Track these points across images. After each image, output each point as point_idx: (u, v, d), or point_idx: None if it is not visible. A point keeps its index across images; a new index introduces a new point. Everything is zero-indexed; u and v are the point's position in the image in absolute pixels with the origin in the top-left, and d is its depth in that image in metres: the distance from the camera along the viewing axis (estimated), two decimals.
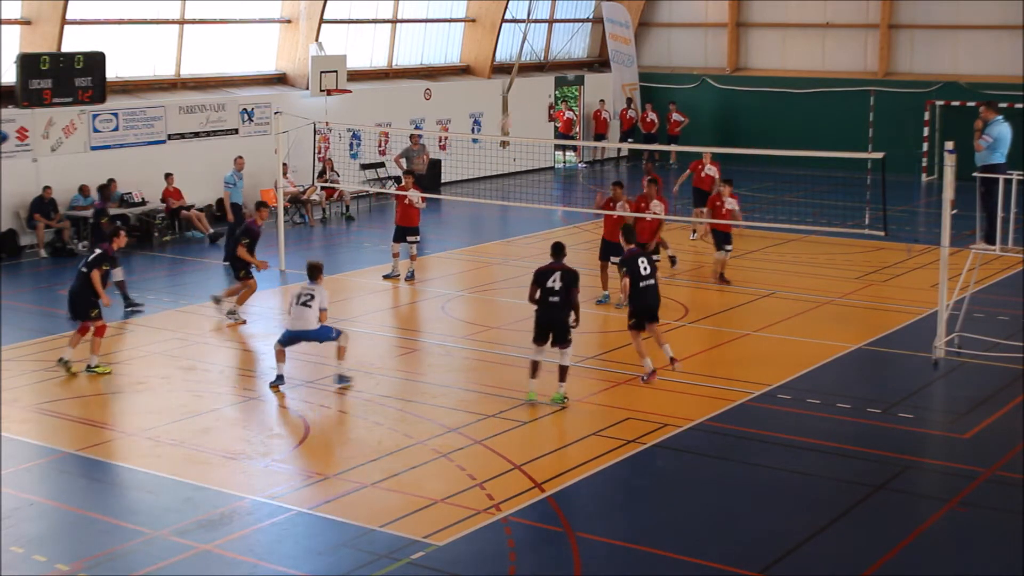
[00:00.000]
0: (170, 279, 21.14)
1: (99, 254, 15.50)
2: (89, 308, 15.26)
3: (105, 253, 15.57)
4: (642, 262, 14.80)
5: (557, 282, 13.83)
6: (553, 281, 13.84)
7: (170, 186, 24.48)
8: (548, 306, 13.88)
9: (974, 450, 12.59)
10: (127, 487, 11.57)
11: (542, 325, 13.96)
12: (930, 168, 32.58)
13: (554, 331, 13.89)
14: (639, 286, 14.75)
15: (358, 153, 29.69)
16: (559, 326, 13.89)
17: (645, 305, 14.82)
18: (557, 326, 13.88)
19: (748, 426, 13.25)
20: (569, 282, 13.88)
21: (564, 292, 13.83)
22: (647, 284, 14.79)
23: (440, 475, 11.85)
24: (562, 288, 13.83)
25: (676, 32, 37.81)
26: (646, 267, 14.80)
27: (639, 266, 14.76)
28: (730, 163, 33.57)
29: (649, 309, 14.86)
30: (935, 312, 15.99)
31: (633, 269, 14.74)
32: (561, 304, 13.86)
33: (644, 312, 14.84)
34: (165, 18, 25.91)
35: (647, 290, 14.80)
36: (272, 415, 13.85)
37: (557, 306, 13.85)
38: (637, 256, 14.87)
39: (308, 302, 14.48)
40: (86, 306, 15.27)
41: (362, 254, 22.99)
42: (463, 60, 33.77)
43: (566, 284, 13.85)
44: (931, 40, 33.65)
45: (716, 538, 10.50)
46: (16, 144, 22.91)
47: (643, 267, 14.78)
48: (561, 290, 13.83)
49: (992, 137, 16.17)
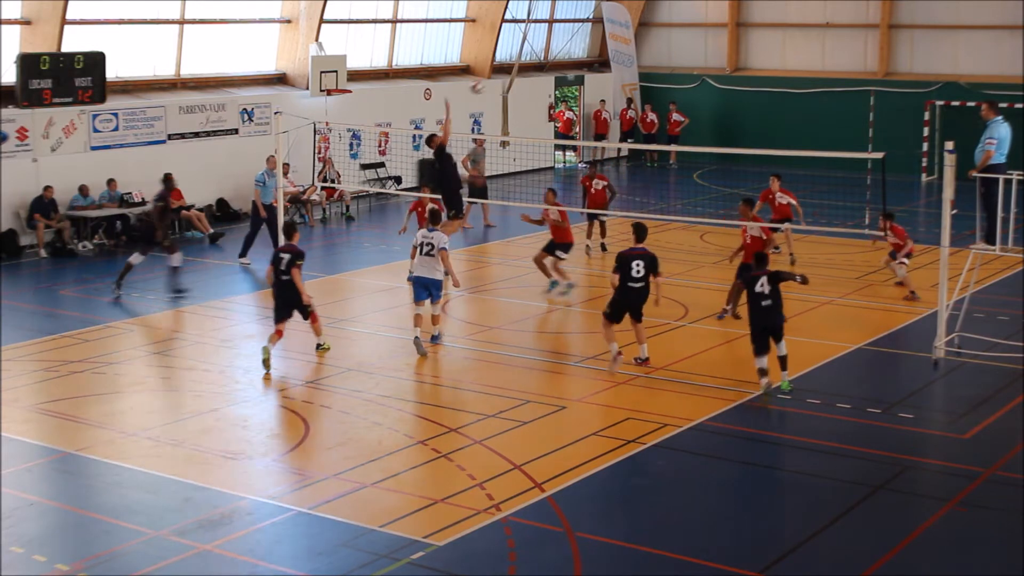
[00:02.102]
0: (170, 279, 21.09)
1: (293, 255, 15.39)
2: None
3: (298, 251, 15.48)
4: (636, 264, 15.03)
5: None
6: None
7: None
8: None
9: (974, 450, 12.59)
10: (127, 487, 11.56)
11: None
12: (930, 168, 32.57)
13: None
14: (627, 285, 15.05)
15: (358, 153, 29.70)
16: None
17: (624, 303, 15.15)
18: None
19: (748, 426, 13.25)
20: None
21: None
22: (635, 286, 15.07)
23: (440, 475, 11.85)
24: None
25: (676, 32, 37.80)
26: (639, 270, 15.02)
27: (632, 267, 15.02)
28: (730, 163, 33.72)
29: (629, 308, 15.21)
30: (935, 312, 15.99)
31: (625, 268, 15.01)
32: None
33: (624, 309, 15.19)
34: (165, 18, 25.90)
35: (632, 291, 15.09)
36: (272, 415, 13.85)
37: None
38: (633, 258, 15.08)
39: (430, 251, 15.86)
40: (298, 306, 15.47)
41: (362, 254, 22.98)
42: (463, 60, 33.77)
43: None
44: (931, 40, 33.64)
45: (716, 538, 10.50)
46: (16, 144, 22.91)
47: (636, 269, 15.02)
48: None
49: (995, 138, 16.18)
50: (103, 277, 20.90)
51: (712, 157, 35.21)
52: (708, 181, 32.65)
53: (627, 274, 15.02)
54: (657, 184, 33.11)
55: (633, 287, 15.06)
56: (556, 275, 19.06)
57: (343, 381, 14.85)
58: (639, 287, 15.08)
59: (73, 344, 16.58)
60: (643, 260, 15.05)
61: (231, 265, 21.92)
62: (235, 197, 26.62)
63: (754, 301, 14.21)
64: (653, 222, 25.05)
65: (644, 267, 15.02)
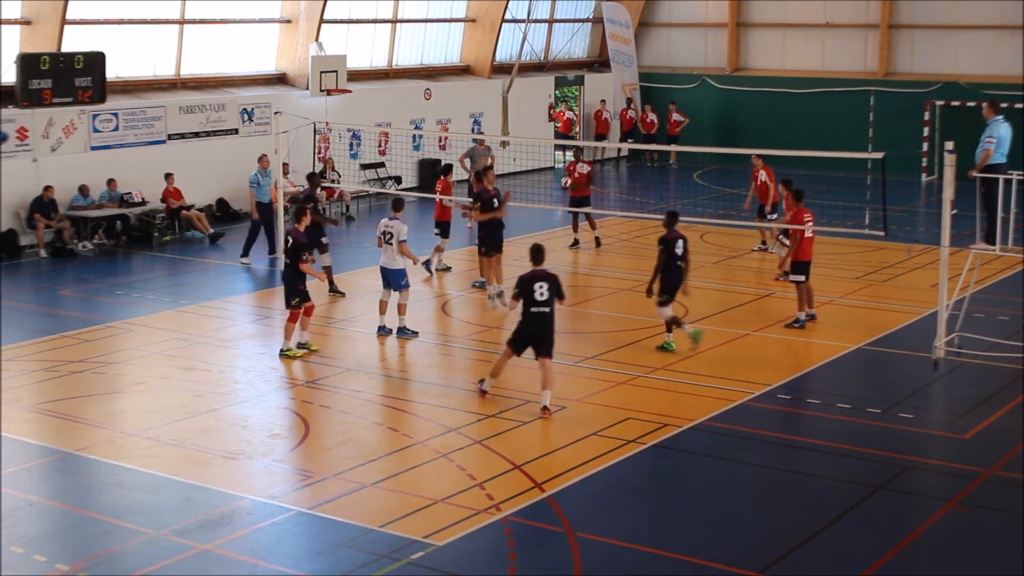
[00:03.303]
0: (170, 279, 21.13)
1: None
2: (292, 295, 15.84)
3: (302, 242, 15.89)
4: (539, 287, 13.58)
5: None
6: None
7: (170, 186, 24.48)
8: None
9: (974, 450, 12.59)
10: (127, 487, 11.56)
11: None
12: (930, 168, 32.58)
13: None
14: (530, 311, 13.65)
15: (358, 153, 29.70)
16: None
17: (528, 332, 13.76)
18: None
19: (748, 426, 13.25)
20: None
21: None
22: (539, 311, 13.64)
23: (440, 475, 11.85)
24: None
25: (676, 32, 37.81)
26: (543, 293, 13.59)
27: (535, 291, 13.61)
28: (730, 163, 33.71)
29: (534, 337, 13.74)
30: (935, 312, 15.99)
31: (527, 292, 13.62)
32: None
33: (529, 338, 13.78)
34: (165, 18, 25.92)
35: (537, 317, 13.65)
36: (272, 415, 13.85)
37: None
38: (535, 280, 13.66)
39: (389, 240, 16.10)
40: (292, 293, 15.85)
41: (362, 254, 22.97)
42: (463, 60, 33.78)
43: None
44: (931, 40, 33.65)
45: (716, 538, 10.49)
46: (16, 144, 22.92)
47: (539, 293, 13.58)
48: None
49: (994, 137, 16.18)
50: (103, 277, 20.93)
51: (712, 157, 35.22)
52: (708, 181, 32.65)
53: (530, 298, 13.58)
54: (657, 184, 33.12)
55: (538, 312, 13.60)
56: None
57: (343, 381, 14.85)
58: (545, 312, 13.62)
59: (73, 344, 16.59)
60: (546, 282, 13.62)
61: (231, 265, 21.93)
62: (235, 197, 26.62)
63: (673, 261, 15.98)
64: (653, 222, 25.17)
65: (548, 290, 13.59)
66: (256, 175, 22.18)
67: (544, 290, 13.60)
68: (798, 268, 17.22)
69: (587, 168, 22.90)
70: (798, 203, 17.36)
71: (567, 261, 22.12)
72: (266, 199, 21.89)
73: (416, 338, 16.68)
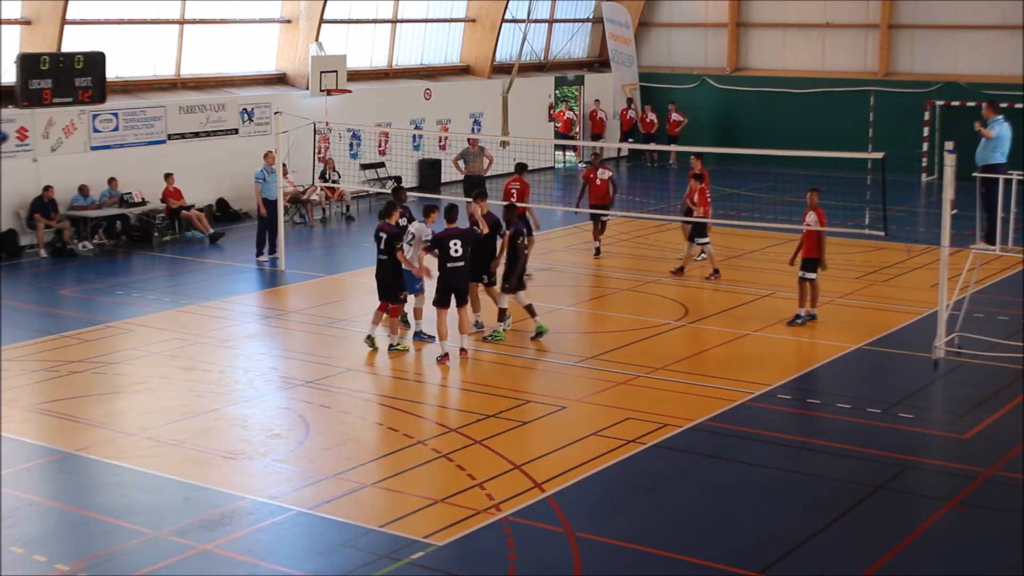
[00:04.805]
0: (170, 279, 21.13)
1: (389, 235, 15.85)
2: (397, 290, 15.97)
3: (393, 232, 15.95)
4: (453, 244, 15.30)
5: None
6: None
7: (170, 186, 24.46)
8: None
9: (974, 450, 12.58)
10: (127, 487, 11.56)
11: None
12: (930, 168, 32.57)
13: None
14: (447, 267, 15.36)
15: (358, 153, 29.70)
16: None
17: (448, 285, 15.47)
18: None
19: (748, 426, 13.24)
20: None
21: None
22: (455, 266, 15.36)
23: (440, 475, 11.86)
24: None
25: (676, 32, 37.81)
26: (457, 249, 15.29)
27: (449, 247, 15.29)
28: (730, 163, 33.69)
29: (454, 289, 15.50)
30: (935, 312, 15.99)
31: (444, 249, 15.31)
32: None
33: (449, 291, 15.49)
34: (165, 18, 25.91)
35: (453, 272, 15.39)
36: (272, 415, 13.85)
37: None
38: (450, 238, 15.32)
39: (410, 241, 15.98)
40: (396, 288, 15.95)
41: (362, 254, 22.95)
42: (463, 60, 33.78)
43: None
44: (931, 40, 33.64)
45: (716, 538, 10.49)
46: (16, 144, 22.91)
47: (453, 249, 15.29)
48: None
49: (994, 134, 16.18)
50: (103, 277, 20.93)
51: (712, 157, 35.06)
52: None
53: (446, 254, 15.33)
54: (657, 184, 33.10)
55: (454, 267, 15.37)
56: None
57: (343, 381, 14.85)
58: (460, 267, 15.38)
59: (73, 344, 16.59)
60: (460, 239, 15.37)
61: (231, 265, 21.93)
62: (235, 197, 26.62)
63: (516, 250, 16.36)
64: (653, 222, 25.17)
65: (462, 246, 15.32)
66: (262, 171, 22.15)
67: (459, 246, 15.32)
68: (808, 265, 17.26)
69: (608, 174, 22.62)
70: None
71: (567, 261, 22.11)
72: (272, 196, 21.86)
73: (433, 343, 16.11)
